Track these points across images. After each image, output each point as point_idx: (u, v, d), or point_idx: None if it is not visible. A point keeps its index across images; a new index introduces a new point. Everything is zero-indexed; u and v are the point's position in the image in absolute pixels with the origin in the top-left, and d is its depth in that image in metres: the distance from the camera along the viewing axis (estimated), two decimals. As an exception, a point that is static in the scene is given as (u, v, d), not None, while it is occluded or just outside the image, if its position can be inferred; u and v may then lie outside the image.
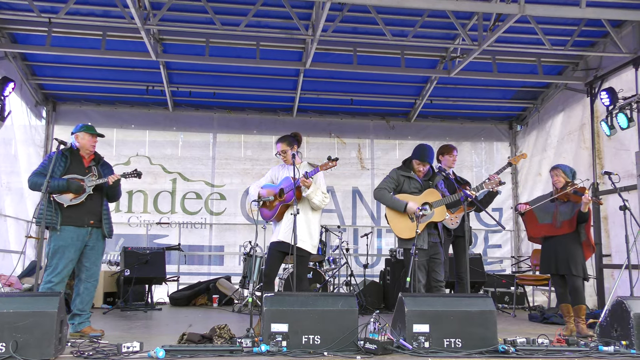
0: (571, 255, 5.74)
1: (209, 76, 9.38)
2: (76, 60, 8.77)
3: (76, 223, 5.11)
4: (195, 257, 10.07)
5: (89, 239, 5.18)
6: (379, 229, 10.46)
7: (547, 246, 5.98)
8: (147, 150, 10.11)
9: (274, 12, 7.67)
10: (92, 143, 5.33)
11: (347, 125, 10.56)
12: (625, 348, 4.38)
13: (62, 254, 5.01)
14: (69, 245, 5.04)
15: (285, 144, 5.48)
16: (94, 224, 5.21)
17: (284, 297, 4.44)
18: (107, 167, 5.46)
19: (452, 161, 6.57)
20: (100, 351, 4.06)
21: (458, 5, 6.53)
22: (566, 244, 5.79)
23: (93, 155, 5.39)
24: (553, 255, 5.86)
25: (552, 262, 5.86)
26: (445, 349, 4.25)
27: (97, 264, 5.30)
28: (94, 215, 5.22)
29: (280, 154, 5.50)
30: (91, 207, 5.20)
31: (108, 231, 5.32)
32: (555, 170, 6.01)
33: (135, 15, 6.78)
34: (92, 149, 5.35)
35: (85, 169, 5.27)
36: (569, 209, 5.82)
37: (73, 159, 5.24)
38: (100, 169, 5.36)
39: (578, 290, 5.72)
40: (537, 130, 10.20)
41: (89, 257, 5.21)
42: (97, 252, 5.29)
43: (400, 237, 5.40)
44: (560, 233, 5.82)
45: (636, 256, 6.50)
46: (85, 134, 5.30)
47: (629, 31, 7.81)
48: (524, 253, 10.30)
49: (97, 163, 5.40)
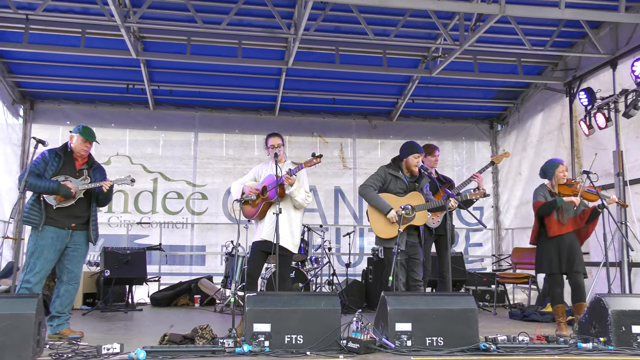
0: (575, 254, 5.70)
1: (191, 75, 9.30)
2: (54, 58, 8.62)
3: (58, 225, 5.05)
4: (176, 257, 9.99)
5: (70, 241, 5.12)
6: (361, 228, 10.48)
7: (549, 245, 5.83)
8: (127, 150, 9.99)
9: (256, 11, 7.63)
10: (84, 148, 5.25)
11: (329, 125, 10.57)
12: (603, 344, 4.46)
13: (40, 253, 4.94)
14: (48, 246, 4.98)
15: (280, 138, 5.53)
16: (76, 227, 5.15)
17: (266, 297, 4.44)
18: (100, 172, 5.39)
19: (435, 161, 6.60)
20: (80, 353, 4.02)
21: (440, 5, 6.58)
22: (571, 243, 5.74)
23: (87, 158, 5.33)
24: (556, 254, 5.75)
25: (556, 261, 5.74)
26: (428, 347, 4.28)
27: (79, 267, 5.25)
28: (78, 218, 5.17)
29: (274, 148, 5.44)
30: (77, 210, 5.16)
31: (94, 236, 5.29)
32: (564, 165, 5.99)
33: (115, 12, 6.70)
34: (84, 153, 5.28)
35: (76, 172, 5.21)
36: (573, 206, 5.77)
37: (66, 160, 5.18)
38: (92, 173, 5.30)
39: (581, 287, 5.68)
40: (517, 129, 10.31)
41: (71, 259, 5.15)
42: (80, 255, 5.23)
43: (379, 236, 5.43)
44: (565, 231, 5.75)
45: (614, 254, 6.62)
46: (79, 138, 5.23)
47: (607, 32, 7.94)
48: (505, 251, 10.40)
49: (90, 167, 5.34)
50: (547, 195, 5.96)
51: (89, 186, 5.16)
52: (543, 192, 6.03)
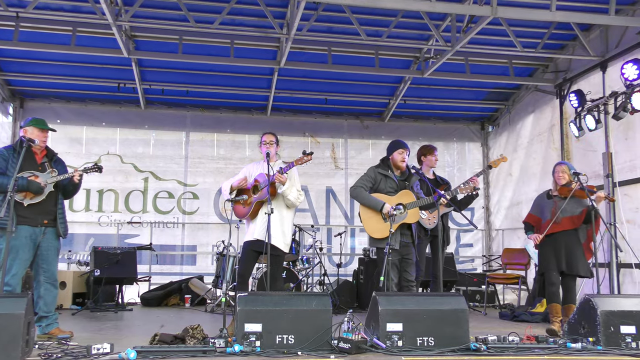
0: (573, 254, 5.70)
1: (182, 74, 9.26)
2: (45, 56, 8.55)
3: (30, 223, 4.95)
4: (167, 256, 9.94)
5: (43, 238, 5.03)
6: (352, 228, 10.49)
7: (546, 244, 5.85)
8: (118, 149, 9.94)
9: (249, 10, 7.62)
10: (42, 138, 5.12)
11: (321, 125, 10.58)
12: (592, 345, 4.49)
13: (15, 254, 4.83)
14: (23, 246, 4.89)
15: (274, 136, 5.57)
16: (48, 223, 5.06)
17: (257, 297, 4.43)
18: (60, 164, 5.27)
19: (435, 161, 6.64)
20: (70, 353, 3.99)
21: (432, 7, 6.60)
22: (567, 242, 5.76)
23: (45, 150, 5.22)
24: (552, 253, 5.78)
25: (552, 260, 5.77)
26: (419, 347, 4.29)
27: (54, 264, 5.15)
28: (48, 214, 5.07)
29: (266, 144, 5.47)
30: (46, 206, 5.05)
31: (63, 230, 5.16)
32: (562, 166, 6.00)
33: (106, 10, 6.66)
34: (43, 144, 5.15)
35: (38, 166, 5.09)
36: (571, 206, 5.78)
37: (26, 155, 4.94)
38: (54, 165, 5.18)
39: (573, 290, 5.72)
40: (508, 131, 10.37)
41: (45, 257, 5.06)
42: (53, 252, 5.13)
43: (372, 236, 5.44)
44: (560, 229, 5.76)
45: (603, 255, 6.67)
46: (35, 129, 5.10)
47: (597, 35, 8.00)
48: (495, 252, 10.45)
49: (50, 159, 5.21)
50: (540, 202, 6.07)
51: (58, 178, 5.05)
52: (538, 199, 6.17)
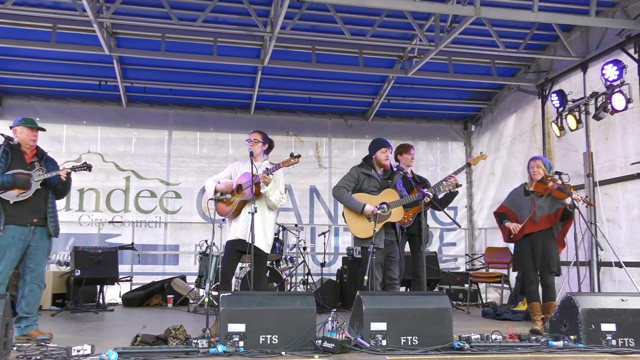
0: (549, 252, 5.74)
1: (165, 72, 9.17)
2: (24, 53, 8.42)
3: (19, 222, 4.89)
4: (149, 256, 9.85)
5: (32, 238, 4.97)
6: (336, 227, 10.50)
7: (523, 243, 5.88)
8: (99, 147, 9.82)
9: (232, 8, 7.57)
10: (32, 137, 5.11)
11: (305, 124, 10.57)
12: (573, 342, 4.54)
13: (3, 254, 4.79)
14: (10, 245, 4.83)
15: (261, 135, 5.54)
16: (38, 222, 5.00)
17: (241, 297, 4.41)
18: (51, 163, 5.23)
19: (411, 160, 6.63)
20: (49, 355, 3.93)
21: (416, 6, 6.62)
22: (544, 241, 5.78)
23: (35, 150, 5.17)
24: (530, 253, 5.81)
25: (530, 260, 5.80)
26: (402, 346, 4.30)
27: (42, 265, 5.09)
28: (37, 213, 5.01)
29: (250, 141, 5.46)
30: (35, 204, 5.00)
31: (54, 230, 5.10)
32: (536, 161, 5.99)
33: (87, 7, 6.57)
34: (33, 143, 5.13)
35: (27, 165, 5.05)
36: (548, 204, 5.80)
37: (14, 155, 5.00)
38: (44, 164, 5.13)
39: (552, 287, 5.77)
40: (490, 130, 10.45)
41: (33, 257, 4.99)
42: (42, 252, 5.07)
43: (357, 236, 5.44)
44: (538, 229, 5.78)
45: (584, 253, 6.75)
46: (24, 128, 5.08)
47: (578, 36, 8.10)
48: (478, 251, 10.54)
49: (40, 159, 5.17)
50: (515, 198, 6.07)
51: (46, 176, 5.00)
52: (513, 194, 6.14)
